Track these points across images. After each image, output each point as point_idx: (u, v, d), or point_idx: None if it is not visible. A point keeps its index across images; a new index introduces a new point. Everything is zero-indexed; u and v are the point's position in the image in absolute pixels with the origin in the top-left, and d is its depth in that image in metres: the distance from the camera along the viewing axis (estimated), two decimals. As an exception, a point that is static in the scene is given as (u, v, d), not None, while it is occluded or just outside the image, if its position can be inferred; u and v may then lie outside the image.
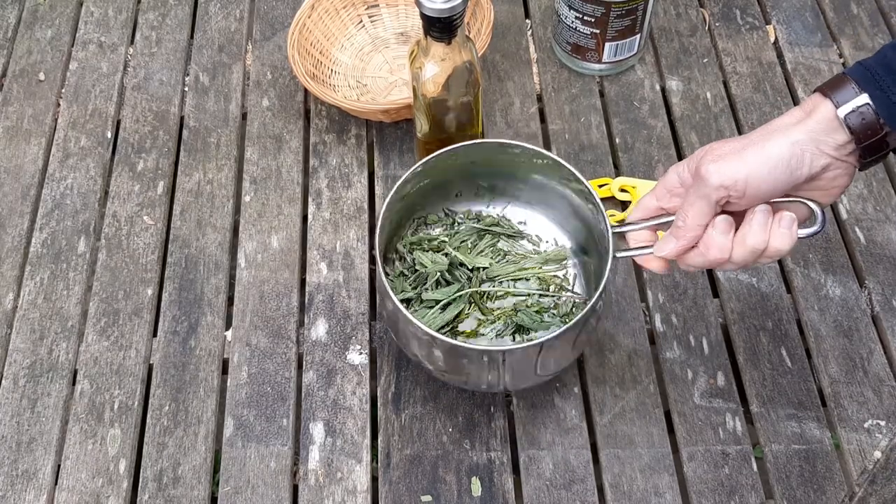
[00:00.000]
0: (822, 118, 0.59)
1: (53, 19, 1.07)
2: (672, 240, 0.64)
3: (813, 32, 1.04)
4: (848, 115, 0.58)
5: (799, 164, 0.59)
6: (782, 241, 0.61)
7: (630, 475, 0.76)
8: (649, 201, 0.67)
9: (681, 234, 0.63)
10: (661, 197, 0.66)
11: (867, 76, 0.58)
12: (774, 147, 0.59)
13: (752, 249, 0.61)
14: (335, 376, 0.81)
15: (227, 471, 0.76)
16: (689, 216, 0.62)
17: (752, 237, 0.61)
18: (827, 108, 0.59)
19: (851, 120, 0.58)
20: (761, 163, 0.59)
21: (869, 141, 0.59)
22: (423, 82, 0.76)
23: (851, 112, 0.58)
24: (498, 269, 0.80)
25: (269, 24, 1.06)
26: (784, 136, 0.59)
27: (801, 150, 0.59)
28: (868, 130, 0.58)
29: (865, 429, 0.78)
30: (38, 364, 0.82)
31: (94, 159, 0.95)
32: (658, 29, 1.04)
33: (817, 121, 0.59)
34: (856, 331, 0.83)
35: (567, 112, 0.97)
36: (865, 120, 0.58)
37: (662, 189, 0.66)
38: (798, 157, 0.59)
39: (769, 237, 0.61)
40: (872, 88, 0.58)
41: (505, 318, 0.78)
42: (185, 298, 0.85)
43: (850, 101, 0.58)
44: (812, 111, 0.59)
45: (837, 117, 0.58)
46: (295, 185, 0.93)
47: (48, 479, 0.76)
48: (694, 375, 0.81)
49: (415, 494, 0.75)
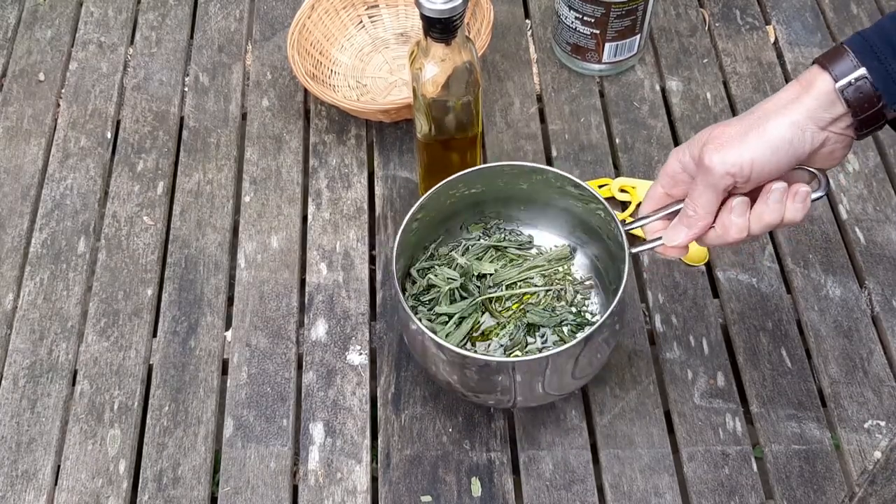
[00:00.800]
0: (820, 93, 0.59)
1: (53, 19, 1.07)
2: (683, 229, 0.64)
3: (813, 33, 1.04)
4: (845, 88, 0.58)
5: (801, 143, 0.59)
6: (796, 214, 0.62)
7: (630, 475, 0.76)
8: (656, 191, 0.68)
9: (692, 223, 0.64)
10: (666, 184, 0.66)
11: (865, 47, 0.58)
12: (775, 129, 0.59)
13: (768, 224, 0.62)
14: (335, 377, 0.81)
15: (227, 471, 0.76)
16: (699, 205, 0.63)
17: (769, 214, 0.62)
18: (825, 80, 0.59)
19: (848, 93, 0.58)
20: (764, 147, 0.59)
21: (865, 114, 0.59)
22: (423, 83, 0.76)
23: (848, 85, 0.58)
24: (504, 274, 0.79)
25: (269, 25, 1.06)
26: (783, 116, 0.59)
27: (801, 131, 0.59)
28: (865, 104, 0.58)
29: (865, 429, 0.78)
30: (37, 364, 0.82)
31: (94, 159, 0.95)
32: (658, 29, 1.04)
33: (815, 96, 0.59)
34: (856, 331, 0.83)
35: (567, 112, 0.97)
36: (863, 93, 0.58)
37: (666, 176, 0.66)
38: (799, 137, 0.59)
39: (784, 211, 0.62)
40: (870, 60, 0.58)
41: (515, 321, 0.78)
42: (185, 299, 0.85)
43: (848, 75, 0.58)
44: (809, 85, 0.59)
45: (835, 90, 0.58)
46: (295, 185, 0.93)
47: (48, 479, 0.76)
48: (694, 376, 0.81)
49: (415, 495, 0.75)
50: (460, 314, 0.77)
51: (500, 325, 0.78)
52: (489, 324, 0.78)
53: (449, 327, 0.77)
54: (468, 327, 0.77)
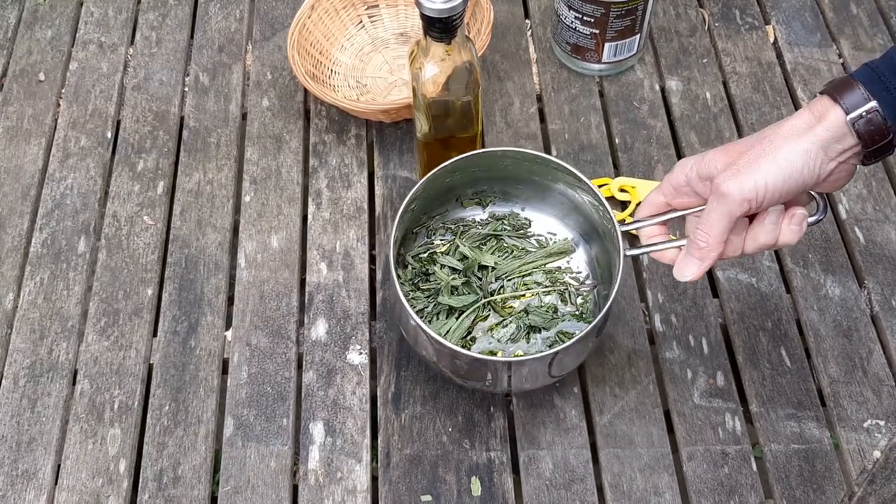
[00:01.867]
0: (832, 125, 0.59)
1: (53, 19, 1.07)
2: (695, 262, 0.64)
3: (812, 32, 1.04)
4: (856, 120, 0.58)
5: (811, 172, 0.59)
6: (791, 237, 0.62)
7: (630, 475, 0.76)
8: (656, 198, 0.68)
9: (705, 254, 0.63)
10: (668, 194, 0.67)
11: (874, 78, 0.59)
12: (787, 157, 0.59)
13: (763, 245, 0.62)
14: (335, 376, 0.81)
15: (227, 470, 0.76)
16: (713, 235, 0.62)
17: (765, 235, 0.62)
18: (837, 114, 0.59)
19: (860, 126, 0.58)
20: (776, 174, 0.59)
21: (876, 145, 0.59)
22: (422, 82, 0.76)
23: (860, 118, 0.58)
24: (504, 267, 0.80)
25: (269, 25, 1.06)
26: (795, 143, 0.59)
27: (812, 161, 0.59)
28: (876, 135, 0.59)
29: (865, 428, 0.78)
30: (38, 364, 0.82)
31: (94, 159, 0.95)
32: (658, 29, 1.04)
33: (827, 128, 0.59)
34: (855, 331, 0.83)
35: (567, 112, 0.98)
36: (873, 126, 0.58)
37: (669, 186, 0.66)
38: (810, 167, 0.59)
39: (779, 233, 0.62)
40: (880, 90, 0.58)
41: (517, 321, 0.78)
42: (185, 298, 0.85)
43: (859, 108, 0.58)
44: (822, 116, 0.59)
45: (847, 123, 0.58)
46: (295, 185, 0.93)
47: (48, 478, 0.76)
48: (693, 375, 0.81)
49: (415, 494, 0.75)
50: (461, 307, 0.78)
51: (502, 323, 0.78)
52: (491, 322, 0.79)
53: (450, 322, 0.77)
54: (469, 322, 0.77)
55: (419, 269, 0.80)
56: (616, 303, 0.84)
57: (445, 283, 0.78)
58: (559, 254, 0.82)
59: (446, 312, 0.78)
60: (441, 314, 0.78)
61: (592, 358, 0.81)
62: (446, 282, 0.78)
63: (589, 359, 0.81)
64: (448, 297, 0.78)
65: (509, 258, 0.81)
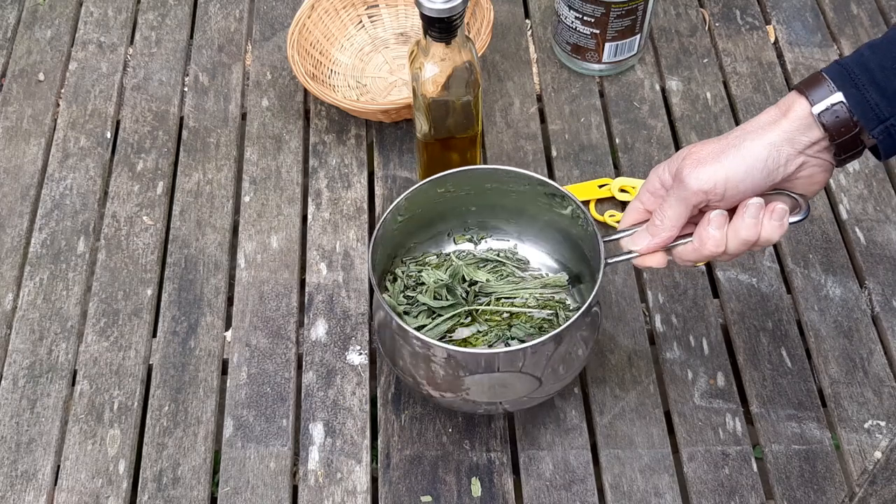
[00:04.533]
0: (797, 116, 0.60)
1: (53, 19, 1.07)
2: (647, 236, 0.66)
3: (813, 32, 1.04)
4: (822, 112, 0.60)
5: (775, 164, 0.61)
6: (773, 232, 0.62)
7: (630, 476, 0.76)
8: (635, 206, 0.69)
9: (656, 231, 0.65)
10: (646, 200, 0.68)
11: (843, 74, 0.60)
12: (751, 149, 0.61)
13: (745, 241, 0.63)
14: (335, 377, 0.81)
15: (227, 471, 0.76)
16: (667, 217, 0.64)
17: (745, 230, 0.62)
18: (802, 105, 0.60)
19: (825, 117, 0.60)
20: (738, 165, 0.61)
21: (843, 138, 0.60)
22: (422, 82, 0.76)
23: (825, 110, 0.60)
24: (496, 286, 0.78)
25: (269, 24, 1.06)
26: (760, 137, 0.61)
27: (777, 151, 0.61)
28: (841, 128, 0.60)
29: (865, 429, 0.78)
30: (37, 364, 0.82)
31: (94, 159, 0.95)
32: (658, 29, 1.04)
33: (792, 120, 0.60)
34: (856, 331, 0.83)
35: (567, 112, 0.97)
36: (839, 118, 0.59)
37: (645, 192, 0.67)
38: (774, 158, 0.61)
39: (761, 229, 0.62)
40: (848, 86, 0.59)
41: (499, 330, 0.76)
42: (185, 299, 0.85)
43: (824, 99, 0.60)
44: (788, 110, 0.61)
45: (812, 114, 0.60)
46: (294, 185, 0.93)
47: (48, 479, 0.76)
48: (694, 376, 0.81)
49: (415, 495, 0.75)
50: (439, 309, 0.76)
51: (482, 333, 0.76)
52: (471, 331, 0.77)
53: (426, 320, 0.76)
54: (447, 326, 0.76)
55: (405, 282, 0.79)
56: (616, 304, 0.84)
57: (429, 287, 0.77)
58: (553, 286, 0.80)
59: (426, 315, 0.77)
60: (421, 315, 0.77)
61: (593, 359, 0.81)
62: (430, 286, 0.77)
63: (589, 359, 0.81)
64: (430, 299, 0.76)
65: (503, 281, 0.80)
